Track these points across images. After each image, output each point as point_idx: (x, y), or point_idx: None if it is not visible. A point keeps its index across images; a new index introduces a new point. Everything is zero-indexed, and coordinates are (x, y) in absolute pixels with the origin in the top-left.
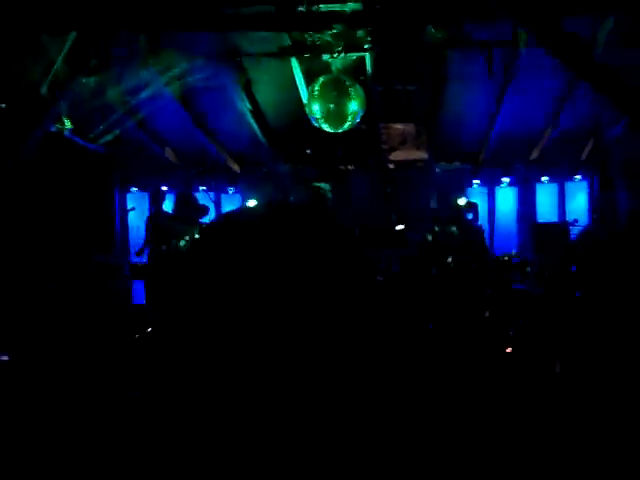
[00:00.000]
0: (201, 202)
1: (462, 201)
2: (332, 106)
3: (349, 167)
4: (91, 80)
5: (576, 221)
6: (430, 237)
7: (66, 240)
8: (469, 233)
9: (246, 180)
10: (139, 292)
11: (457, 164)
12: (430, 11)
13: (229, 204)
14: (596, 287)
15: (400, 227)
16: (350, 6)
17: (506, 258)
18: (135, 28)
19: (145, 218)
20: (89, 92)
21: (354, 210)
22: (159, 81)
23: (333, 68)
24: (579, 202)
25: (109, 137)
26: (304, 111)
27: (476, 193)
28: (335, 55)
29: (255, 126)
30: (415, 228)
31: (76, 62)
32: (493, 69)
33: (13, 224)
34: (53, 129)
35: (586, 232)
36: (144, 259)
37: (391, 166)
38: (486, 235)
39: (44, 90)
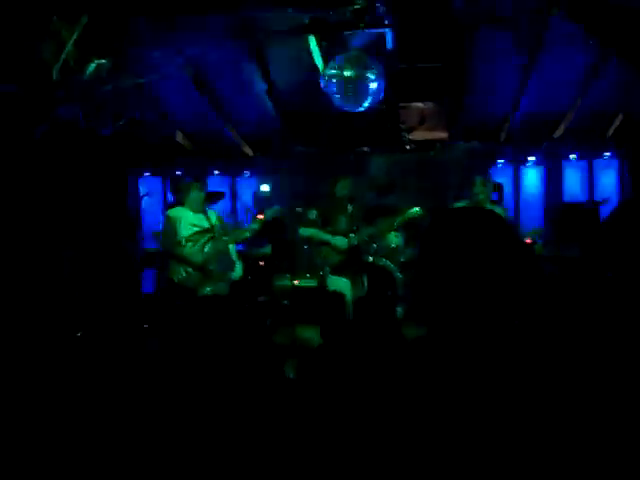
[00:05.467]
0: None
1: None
2: (352, 85)
3: (365, 149)
4: (104, 62)
5: (606, 200)
6: None
7: (86, 226)
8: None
9: (261, 163)
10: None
11: (475, 143)
12: None
13: (245, 187)
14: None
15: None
16: None
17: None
18: (149, 12)
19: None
20: (101, 74)
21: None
22: (173, 62)
23: (353, 45)
24: (609, 181)
25: (121, 121)
26: (320, 91)
27: (500, 172)
28: (355, 32)
29: (270, 107)
30: None
31: (89, 44)
32: (520, 43)
33: (27, 209)
34: (64, 113)
35: (618, 213)
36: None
37: (409, 147)
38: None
39: (56, 73)
